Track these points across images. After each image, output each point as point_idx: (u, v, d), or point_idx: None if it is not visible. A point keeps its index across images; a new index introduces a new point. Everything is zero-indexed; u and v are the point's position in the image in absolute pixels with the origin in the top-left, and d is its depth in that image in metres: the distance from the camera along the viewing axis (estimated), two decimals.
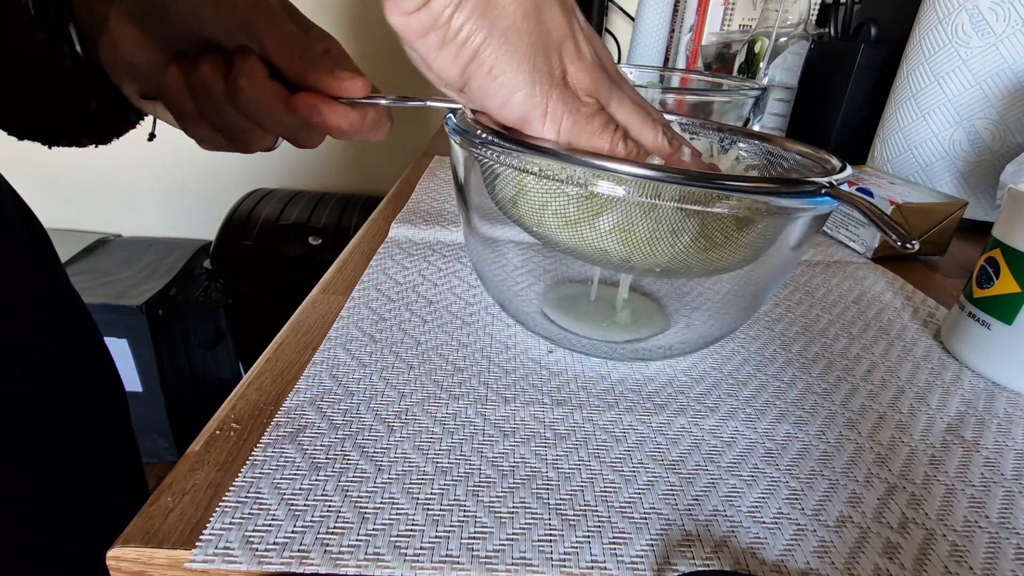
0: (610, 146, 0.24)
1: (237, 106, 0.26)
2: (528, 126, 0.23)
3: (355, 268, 0.41)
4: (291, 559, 0.19)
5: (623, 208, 0.24)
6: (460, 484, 0.23)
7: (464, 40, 0.21)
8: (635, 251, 0.25)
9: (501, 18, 0.21)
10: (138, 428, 0.45)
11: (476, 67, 0.22)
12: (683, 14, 0.97)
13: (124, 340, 1.21)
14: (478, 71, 0.22)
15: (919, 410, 0.29)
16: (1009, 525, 0.23)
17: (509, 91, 0.22)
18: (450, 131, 0.27)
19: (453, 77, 0.22)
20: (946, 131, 0.55)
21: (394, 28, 0.22)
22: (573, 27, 0.23)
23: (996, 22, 0.50)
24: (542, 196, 0.26)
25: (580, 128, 0.23)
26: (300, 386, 0.28)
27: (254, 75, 0.26)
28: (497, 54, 0.21)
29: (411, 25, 0.21)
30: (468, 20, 0.21)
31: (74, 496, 0.37)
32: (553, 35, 0.22)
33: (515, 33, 0.21)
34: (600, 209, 0.25)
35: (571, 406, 0.28)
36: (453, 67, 0.22)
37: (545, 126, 0.23)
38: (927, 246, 0.48)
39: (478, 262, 0.33)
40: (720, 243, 0.25)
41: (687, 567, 0.20)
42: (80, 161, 1.45)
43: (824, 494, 0.23)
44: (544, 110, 0.23)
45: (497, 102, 0.23)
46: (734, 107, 0.53)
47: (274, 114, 0.26)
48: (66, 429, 0.37)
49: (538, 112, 0.23)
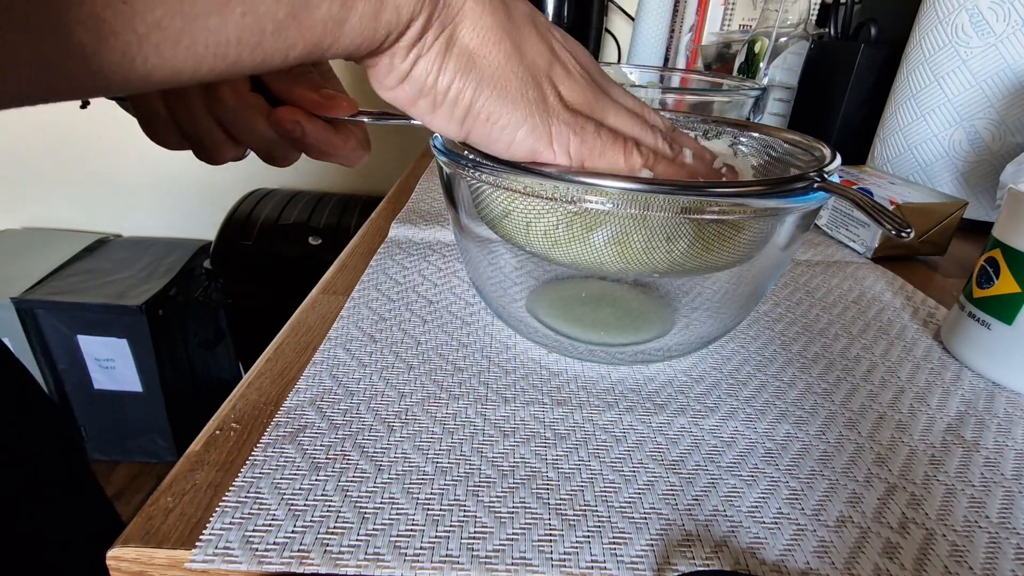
0: (624, 158, 0.24)
1: (215, 115, 0.25)
2: (539, 157, 0.23)
3: (355, 268, 0.41)
4: (291, 559, 0.19)
5: (615, 222, 0.24)
6: (460, 484, 0.23)
7: (455, 99, 0.21)
8: (631, 261, 0.25)
9: (485, 68, 0.21)
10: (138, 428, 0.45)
11: (473, 119, 0.22)
12: (683, 14, 0.97)
13: (124, 340, 1.21)
14: (475, 122, 0.22)
15: (919, 410, 0.29)
16: (1009, 525, 0.23)
17: (512, 131, 0.22)
18: (437, 152, 0.27)
19: (454, 133, 0.23)
20: (946, 131, 0.55)
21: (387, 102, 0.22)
22: (554, 49, 0.23)
23: (996, 22, 0.50)
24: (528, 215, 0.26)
25: (590, 146, 0.23)
26: (300, 386, 0.28)
27: (237, 84, 0.25)
28: (490, 102, 0.21)
29: (400, 97, 0.21)
30: (454, 79, 0.21)
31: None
32: (539, 64, 0.22)
33: (502, 78, 0.21)
34: (591, 224, 0.25)
35: (571, 406, 0.28)
36: (451, 125, 0.22)
37: (555, 153, 0.23)
38: (927, 246, 0.47)
39: (473, 272, 0.33)
40: (716, 245, 0.25)
41: (687, 567, 0.20)
42: (80, 161, 1.45)
43: (824, 494, 0.23)
44: (549, 139, 0.23)
45: (502, 145, 0.23)
46: (734, 107, 0.53)
47: (253, 126, 0.25)
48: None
49: (543, 142, 0.23)
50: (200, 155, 0.27)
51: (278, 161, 0.27)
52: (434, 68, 0.20)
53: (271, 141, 0.26)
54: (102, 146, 1.41)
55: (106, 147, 1.41)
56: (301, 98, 0.25)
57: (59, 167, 1.46)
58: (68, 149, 1.42)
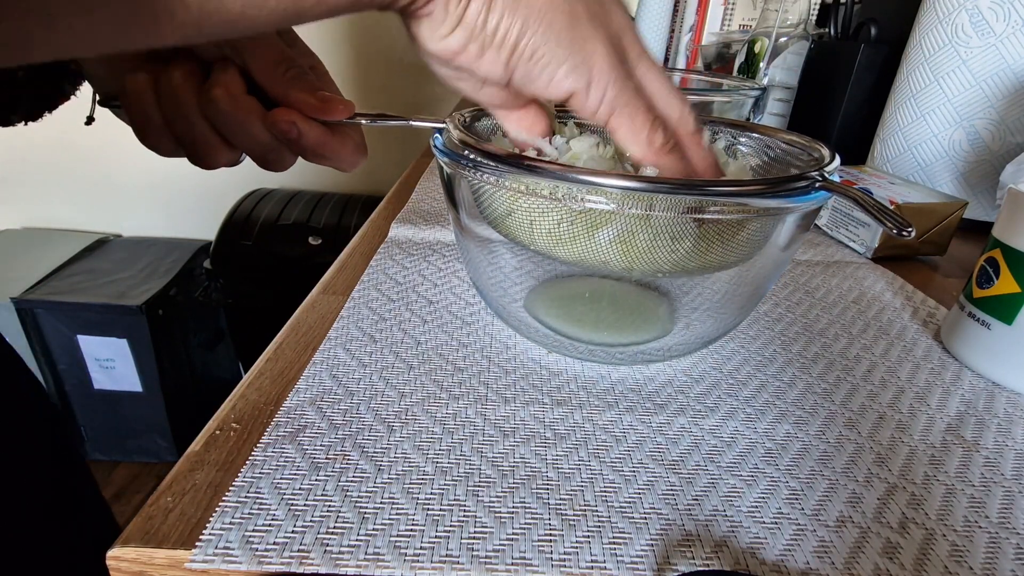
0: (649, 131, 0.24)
1: (209, 117, 0.25)
2: (576, 99, 0.23)
3: (355, 268, 0.41)
4: (291, 559, 0.19)
5: (618, 220, 0.24)
6: (460, 484, 0.23)
7: (503, 38, 0.21)
8: (635, 260, 0.25)
9: (532, 3, 0.21)
10: (138, 428, 0.46)
11: (518, 58, 0.22)
12: (683, 14, 0.97)
13: (124, 340, 1.21)
14: (520, 61, 0.22)
15: (919, 410, 0.29)
16: (1009, 525, 0.23)
17: (554, 67, 0.22)
18: (437, 152, 0.27)
19: (498, 75, 0.22)
20: (946, 131, 0.55)
21: (433, 55, 0.22)
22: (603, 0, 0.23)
23: (996, 22, 0.50)
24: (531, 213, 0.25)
25: (624, 100, 0.23)
26: (300, 386, 0.28)
27: (231, 86, 0.24)
28: (536, 38, 0.21)
29: (450, 46, 0.21)
30: (502, 17, 0.21)
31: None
32: (589, 5, 0.22)
33: (548, 12, 0.21)
34: (595, 223, 0.25)
35: (571, 406, 0.28)
36: (496, 66, 0.22)
37: (590, 97, 0.23)
38: (927, 246, 0.47)
39: (473, 272, 0.33)
40: (718, 245, 0.25)
41: (687, 567, 0.20)
42: (80, 161, 1.45)
43: (824, 494, 0.23)
44: (588, 81, 0.23)
45: (542, 83, 0.23)
46: (734, 107, 0.53)
47: (248, 129, 0.25)
48: None
49: (582, 83, 0.23)
50: (194, 160, 0.27)
51: (273, 165, 0.27)
52: (483, 8, 0.20)
53: (266, 144, 0.26)
54: (102, 146, 1.41)
55: (106, 147, 1.41)
56: (297, 100, 0.25)
57: (59, 167, 1.46)
58: (68, 149, 1.43)
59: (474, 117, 0.32)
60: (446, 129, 0.28)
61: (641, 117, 0.24)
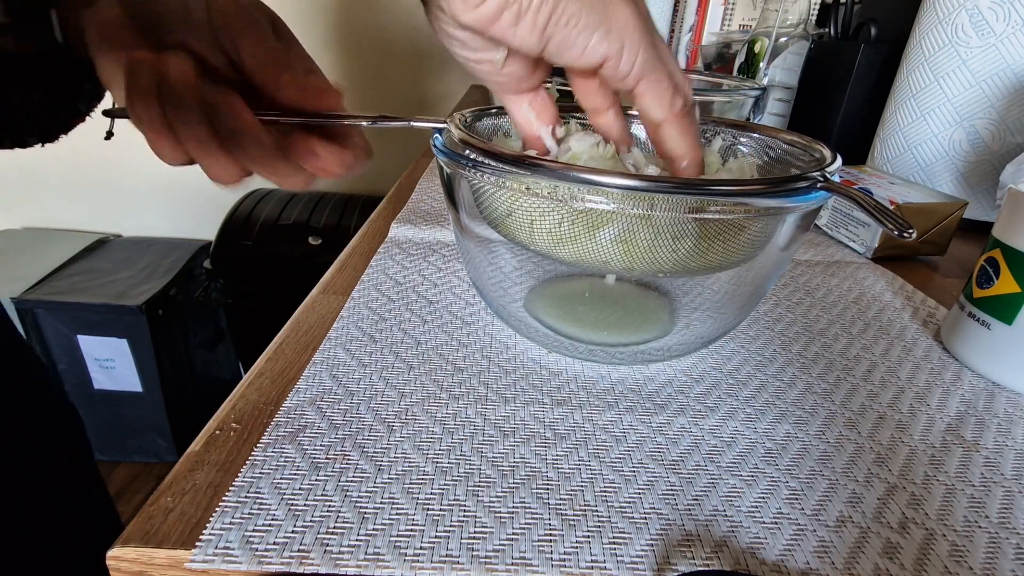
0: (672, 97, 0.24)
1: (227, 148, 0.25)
2: (609, 65, 0.23)
3: (355, 268, 0.41)
4: (291, 559, 0.19)
5: (618, 220, 0.24)
6: (460, 484, 0.23)
7: (539, 5, 0.21)
8: (636, 260, 0.25)
9: None
10: (138, 428, 0.46)
11: (554, 24, 0.22)
12: (683, 14, 0.97)
13: (124, 340, 1.21)
14: (555, 27, 0.22)
15: (919, 410, 0.29)
16: (1009, 525, 0.23)
17: (589, 33, 0.22)
18: (437, 152, 0.27)
19: (532, 45, 0.22)
20: (946, 131, 0.55)
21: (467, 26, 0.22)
22: None
23: (996, 22, 0.50)
24: (532, 213, 0.25)
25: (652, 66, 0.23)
26: (300, 386, 0.28)
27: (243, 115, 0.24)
28: (571, 4, 0.21)
29: (486, 13, 0.21)
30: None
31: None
32: None
33: None
34: (595, 222, 0.25)
35: (571, 406, 0.28)
36: (532, 35, 0.22)
37: (623, 61, 0.23)
38: (927, 246, 0.48)
39: (473, 272, 0.33)
40: (719, 245, 0.25)
41: (687, 567, 0.20)
42: (80, 161, 1.45)
43: (824, 494, 0.23)
44: (621, 46, 0.23)
45: (578, 50, 0.23)
46: (734, 107, 0.53)
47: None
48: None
49: (615, 48, 0.23)
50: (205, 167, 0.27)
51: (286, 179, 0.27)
52: None
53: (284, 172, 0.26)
54: (102, 147, 1.41)
55: (106, 148, 1.41)
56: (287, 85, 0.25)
57: (59, 167, 1.46)
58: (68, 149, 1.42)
59: (474, 117, 0.32)
60: (446, 129, 0.28)
61: (666, 82, 0.24)
